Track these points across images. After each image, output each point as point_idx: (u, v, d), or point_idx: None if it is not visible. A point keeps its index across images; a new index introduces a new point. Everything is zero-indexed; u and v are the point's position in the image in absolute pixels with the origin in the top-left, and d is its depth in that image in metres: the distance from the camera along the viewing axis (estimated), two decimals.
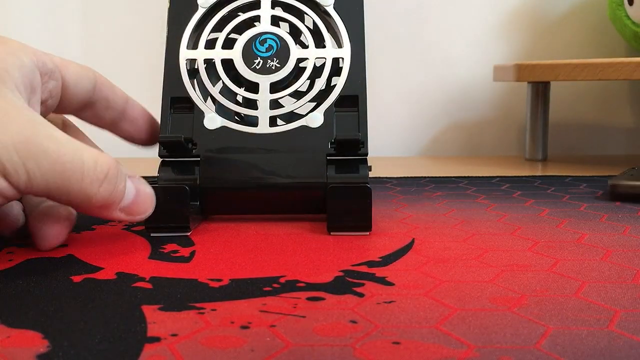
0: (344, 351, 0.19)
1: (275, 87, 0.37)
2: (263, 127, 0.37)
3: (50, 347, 0.20)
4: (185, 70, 0.38)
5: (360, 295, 0.24)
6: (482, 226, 0.36)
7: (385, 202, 0.43)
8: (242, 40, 0.38)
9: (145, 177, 0.32)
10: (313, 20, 0.39)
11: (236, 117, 0.38)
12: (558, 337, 0.20)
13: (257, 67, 0.37)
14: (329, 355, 0.19)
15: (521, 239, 0.33)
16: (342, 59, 0.38)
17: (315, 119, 0.36)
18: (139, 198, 0.30)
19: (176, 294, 0.25)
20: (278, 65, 0.37)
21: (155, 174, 0.36)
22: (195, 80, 0.38)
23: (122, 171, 0.29)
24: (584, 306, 0.23)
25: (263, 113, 0.37)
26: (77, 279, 0.26)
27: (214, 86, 0.38)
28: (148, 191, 0.31)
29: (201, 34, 0.39)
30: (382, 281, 0.26)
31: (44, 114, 0.32)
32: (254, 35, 0.38)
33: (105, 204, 0.28)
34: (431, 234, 0.34)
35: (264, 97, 0.37)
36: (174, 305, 0.23)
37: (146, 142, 0.38)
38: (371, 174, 0.36)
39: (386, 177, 0.56)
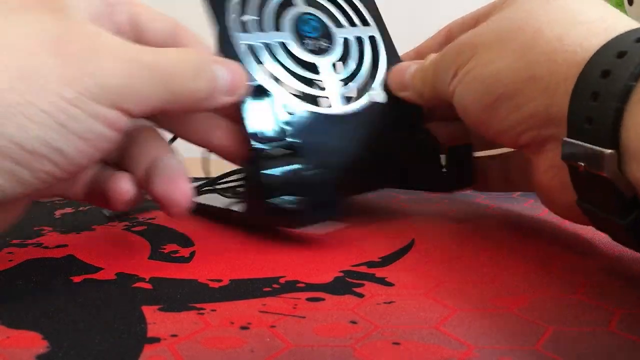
0: (343, 352, 0.19)
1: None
2: (338, 107, 0.36)
3: (50, 347, 0.20)
4: (251, 55, 0.35)
5: (360, 295, 0.24)
6: (483, 226, 0.36)
7: (385, 202, 0.43)
8: (287, 22, 0.37)
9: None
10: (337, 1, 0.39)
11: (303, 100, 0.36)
12: (558, 337, 0.20)
13: (310, 48, 0.37)
14: (329, 355, 0.19)
15: (521, 239, 0.33)
16: (374, 36, 0.39)
17: (379, 94, 0.37)
18: (234, 74, 0.29)
19: (176, 294, 0.25)
20: (328, 45, 0.37)
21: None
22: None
23: (205, 60, 0.28)
24: (584, 306, 0.23)
25: (334, 93, 0.36)
26: (77, 279, 0.26)
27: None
28: (237, 66, 0.30)
29: (245, 18, 0.37)
30: (382, 281, 0.26)
31: None
32: (296, 16, 0.37)
33: (207, 96, 0.27)
34: (431, 234, 0.34)
35: (330, 77, 0.37)
36: (174, 305, 0.23)
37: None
38: None
39: None
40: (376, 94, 0.37)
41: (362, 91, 0.38)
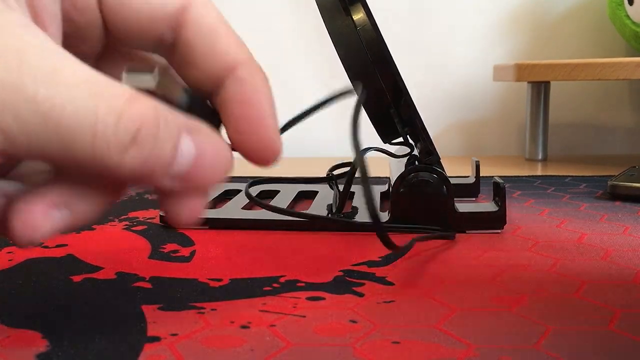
0: (343, 351, 0.19)
1: None
2: None
3: (50, 347, 0.20)
4: None
5: (360, 295, 0.24)
6: None
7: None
8: None
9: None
10: None
11: None
12: (558, 337, 0.20)
13: None
14: (329, 355, 0.19)
15: (521, 239, 0.33)
16: None
17: None
18: (203, 161, 0.19)
19: (176, 293, 0.25)
20: None
21: None
22: None
23: (170, 124, 0.18)
24: (584, 306, 0.23)
25: None
26: (77, 278, 0.26)
27: None
28: (218, 150, 0.19)
29: None
30: (382, 281, 0.26)
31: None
32: None
33: (140, 175, 0.18)
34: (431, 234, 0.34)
35: None
36: (174, 305, 0.23)
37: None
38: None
39: (387, 177, 0.56)
40: None
41: None
